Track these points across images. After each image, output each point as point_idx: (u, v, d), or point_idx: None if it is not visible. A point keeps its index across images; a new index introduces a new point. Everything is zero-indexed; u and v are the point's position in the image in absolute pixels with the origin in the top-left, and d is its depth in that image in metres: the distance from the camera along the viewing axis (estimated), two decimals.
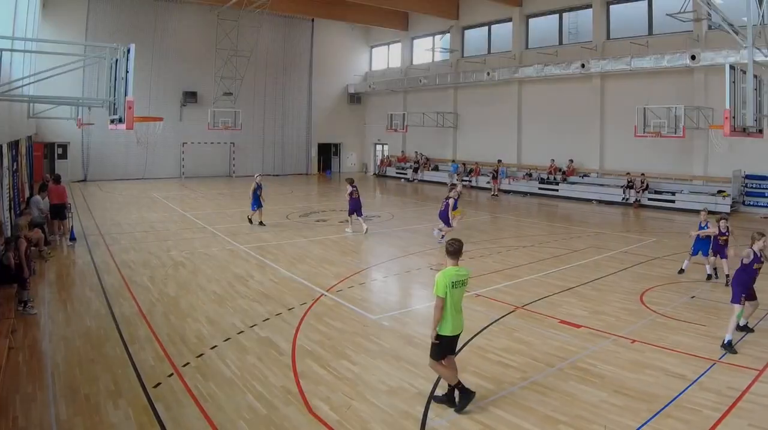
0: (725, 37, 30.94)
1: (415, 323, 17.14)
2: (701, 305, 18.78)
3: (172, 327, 16.34)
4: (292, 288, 20.70)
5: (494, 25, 60.25)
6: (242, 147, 67.04)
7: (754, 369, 13.43)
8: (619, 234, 32.73)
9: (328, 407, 11.71)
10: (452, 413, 11.52)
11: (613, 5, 49.09)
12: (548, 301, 19.28)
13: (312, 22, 71.00)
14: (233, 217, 35.97)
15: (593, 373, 13.43)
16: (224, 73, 61.23)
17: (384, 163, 72.89)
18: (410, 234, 31.89)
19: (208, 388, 12.48)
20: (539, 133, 55.16)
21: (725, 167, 40.88)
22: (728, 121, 23.58)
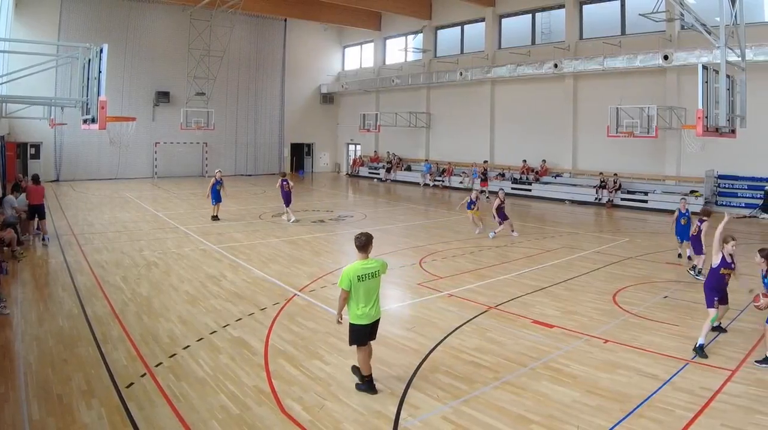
0: (698, 37, 31.06)
1: (387, 322, 16.66)
2: (674, 305, 18.78)
3: (145, 327, 16.21)
4: (265, 288, 20.61)
5: (467, 25, 60.41)
6: (215, 147, 66.93)
7: (727, 369, 13.42)
8: (592, 234, 32.78)
9: (300, 407, 11.64)
10: (425, 412, 11.45)
11: (586, 5, 49.29)
12: (521, 301, 19.23)
13: (285, 22, 71.03)
14: (206, 217, 35.76)
15: (566, 373, 13.39)
16: (197, 73, 61.06)
17: (357, 163, 72.90)
18: (383, 234, 31.72)
19: (181, 388, 12.39)
20: (512, 133, 55.32)
21: (698, 167, 41.01)
22: (701, 121, 23.66)
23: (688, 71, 38.40)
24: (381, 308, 12.97)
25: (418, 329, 16.40)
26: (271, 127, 72.11)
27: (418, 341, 15.38)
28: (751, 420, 11.02)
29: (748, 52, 29.32)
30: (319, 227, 33.18)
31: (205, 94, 61.69)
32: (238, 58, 67.57)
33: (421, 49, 64.81)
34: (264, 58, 70.78)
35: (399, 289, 21.03)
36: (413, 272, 23.58)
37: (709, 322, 14.86)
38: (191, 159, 66.11)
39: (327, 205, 44.36)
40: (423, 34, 64.72)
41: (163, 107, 62.60)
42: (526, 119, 53.49)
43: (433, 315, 17.77)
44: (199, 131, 60.99)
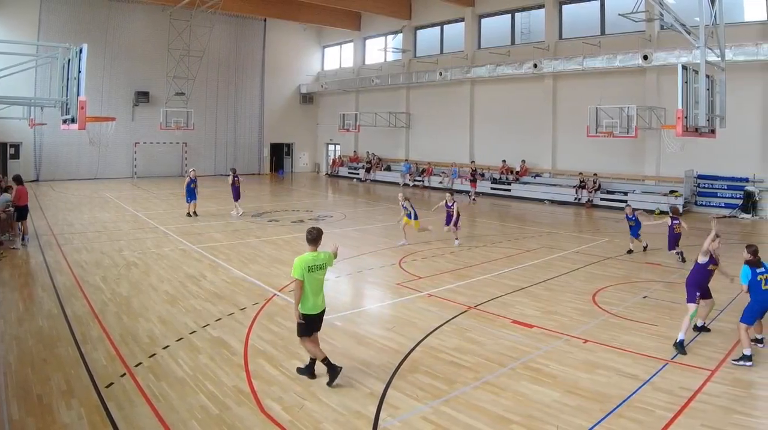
0: (678, 38, 31.11)
1: (366, 322, 17.13)
2: (653, 305, 18.81)
3: (125, 327, 16.16)
4: (245, 288, 20.58)
5: (446, 25, 60.36)
6: (194, 147, 66.73)
7: (707, 369, 13.45)
8: (572, 234, 32.82)
9: (280, 407, 11.63)
10: (404, 412, 11.45)
11: (566, 5, 49.38)
12: (501, 301, 19.22)
13: (264, 22, 70.91)
14: (185, 217, 35.71)
15: (546, 373, 13.40)
16: (176, 73, 60.81)
17: (336, 163, 72.79)
18: (362, 234, 31.88)
19: (161, 388, 12.37)
20: (492, 133, 55.31)
21: (677, 167, 41.10)
22: (681, 121, 23.75)
23: (668, 71, 38.50)
24: (327, 302, 13.15)
25: (398, 329, 16.39)
26: (250, 127, 71.99)
27: (398, 341, 15.36)
28: (730, 420, 11.04)
29: (727, 52, 29.46)
30: (299, 227, 32.97)
31: (185, 94, 61.49)
32: (218, 58, 67.43)
33: (400, 49, 64.81)
34: (243, 58, 70.67)
35: (379, 289, 21.07)
36: (393, 272, 23.57)
37: (689, 318, 14.92)
38: (171, 159, 65.82)
39: (307, 205, 44.28)
40: (402, 34, 64.72)
41: (142, 107, 62.35)
42: (506, 119, 53.54)
43: (412, 315, 17.75)
44: (179, 131, 60.61)
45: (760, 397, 12.12)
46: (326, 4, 57.86)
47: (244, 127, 71.34)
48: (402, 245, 28.24)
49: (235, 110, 70.37)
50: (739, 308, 16.21)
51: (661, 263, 24.88)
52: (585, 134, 42.18)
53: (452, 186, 53.12)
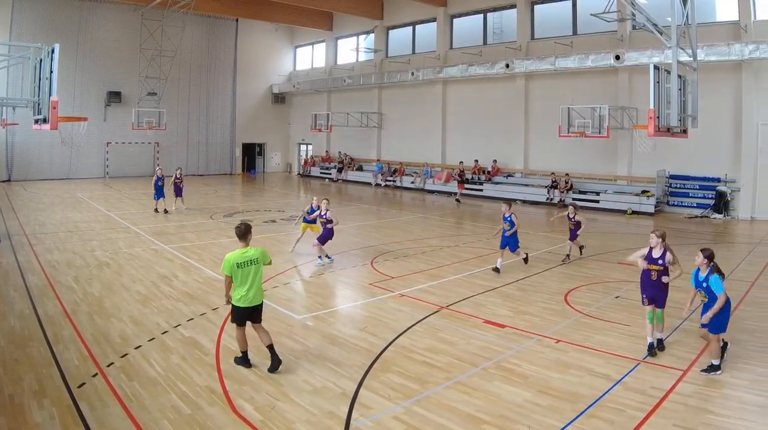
0: (650, 38, 31.26)
1: (339, 322, 17.14)
2: (625, 305, 18.81)
3: (97, 327, 16.08)
4: (217, 288, 20.38)
5: (419, 25, 60.49)
6: (166, 147, 66.51)
7: (678, 369, 13.47)
8: (544, 234, 32.87)
9: (252, 407, 11.61)
10: (376, 412, 11.46)
11: (538, 5, 49.51)
12: (472, 301, 19.21)
13: (236, 22, 70.87)
14: (157, 217, 35.73)
15: (517, 373, 13.39)
16: (148, 72, 60.72)
17: (308, 163, 72.76)
18: (334, 234, 31.75)
19: (133, 388, 12.31)
20: (464, 133, 55.48)
21: (649, 167, 41.27)
22: (653, 121, 23.81)
23: (640, 71, 38.71)
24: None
25: (370, 329, 16.37)
26: (222, 127, 71.88)
27: (370, 341, 15.35)
28: (702, 420, 11.06)
29: (699, 52, 29.62)
30: (271, 227, 33.07)
31: (157, 94, 61.38)
32: (190, 58, 67.26)
33: (372, 49, 64.86)
34: (215, 58, 70.61)
35: (351, 289, 21.07)
36: (365, 272, 23.61)
37: (647, 319, 14.95)
38: (143, 159, 65.56)
39: (278, 205, 44.18)
40: (374, 34, 64.79)
41: (114, 107, 62.07)
42: (478, 119, 53.69)
43: (384, 315, 17.73)
44: (151, 131, 60.39)
45: (731, 397, 12.08)
46: (298, 4, 57.81)
47: (215, 127, 71.24)
48: (322, 265, 24.85)
49: (207, 110, 70.28)
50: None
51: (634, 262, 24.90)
52: (557, 134, 42.29)
53: (424, 186, 53.25)
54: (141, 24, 58.90)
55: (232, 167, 72.47)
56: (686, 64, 26.82)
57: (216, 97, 71.06)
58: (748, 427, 10.81)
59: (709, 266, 13.68)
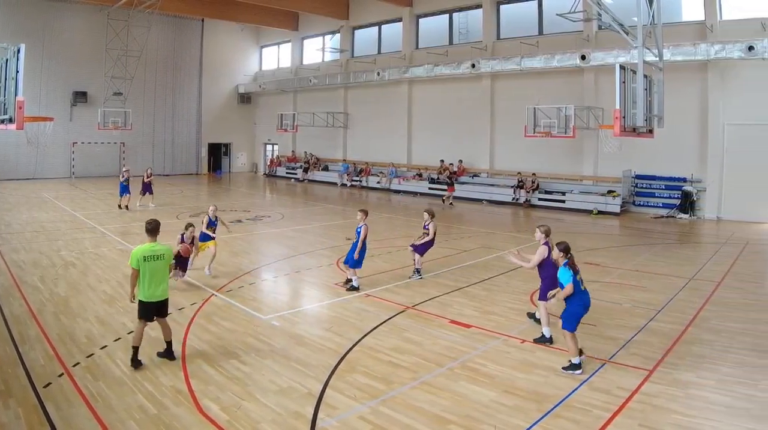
0: (615, 37, 31.24)
1: (304, 322, 17.09)
2: (591, 306, 18.79)
3: (63, 327, 16.01)
4: (183, 288, 20.43)
5: (384, 25, 60.61)
6: (132, 147, 66.29)
7: (644, 369, 13.48)
8: (509, 234, 32.90)
9: (218, 407, 11.58)
10: (342, 412, 11.45)
11: (504, 5, 49.66)
12: (438, 301, 19.20)
13: (202, 22, 70.75)
14: (123, 217, 35.55)
15: (483, 373, 13.40)
16: (114, 73, 60.32)
17: (274, 163, 72.76)
18: (300, 234, 31.79)
19: (98, 388, 12.25)
20: (430, 133, 55.60)
21: (615, 167, 41.44)
22: (618, 121, 23.84)
23: (606, 71, 38.97)
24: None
25: (336, 329, 16.35)
26: (188, 127, 71.78)
27: (336, 341, 15.32)
28: (668, 420, 11.09)
29: (665, 52, 29.66)
30: (237, 227, 32.77)
31: (123, 94, 61.06)
32: (156, 58, 67.08)
33: (338, 49, 64.98)
34: (181, 58, 70.49)
35: (316, 289, 21.01)
36: (330, 271, 23.56)
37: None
38: (108, 159, 65.32)
39: (244, 205, 44.08)
40: (340, 34, 64.87)
41: (80, 107, 61.85)
42: (444, 119, 53.83)
43: (350, 315, 17.70)
44: (117, 131, 60.17)
45: (697, 397, 12.10)
46: (264, 4, 57.78)
47: (181, 127, 71.08)
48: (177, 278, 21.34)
49: (173, 110, 70.11)
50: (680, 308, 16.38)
51: (600, 263, 24.90)
52: (523, 134, 42.32)
53: (389, 186, 53.32)
54: (107, 24, 58.51)
55: (197, 167, 72.36)
56: (652, 64, 26.89)
57: (182, 98, 70.88)
58: (715, 427, 10.82)
59: (566, 258, 13.99)
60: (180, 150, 71.21)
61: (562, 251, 14.06)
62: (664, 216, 39.27)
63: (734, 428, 10.81)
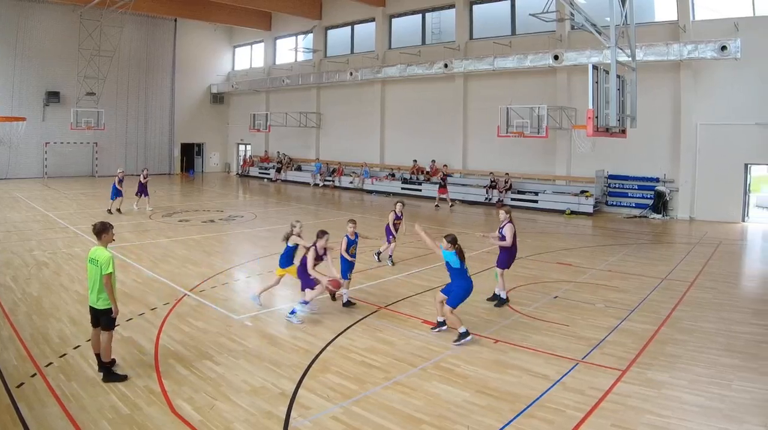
0: (588, 38, 31.41)
1: (277, 323, 17.05)
2: (564, 305, 18.87)
3: (35, 327, 15.92)
4: (155, 288, 20.35)
5: (357, 25, 60.49)
6: (105, 147, 66.06)
7: (617, 369, 13.49)
8: (482, 235, 32.87)
9: (191, 407, 11.54)
10: (315, 412, 11.44)
11: (476, 5, 49.68)
12: (411, 301, 19.24)
13: (175, 22, 70.47)
14: (96, 216, 35.06)
15: (456, 373, 13.39)
16: (87, 72, 60.16)
17: (247, 163, 72.65)
18: (273, 234, 31.48)
19: (71, 388, 12.18)
20: (403, 133, 55.67)
21: (588, 167, 41.59)
22: (591, 121, 23.87)
23: (579, 71, 39.06)
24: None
25: (308, 329, 16.31)
26: (161, 127, 71.56)
27: (308, 341, 15.30)
28: (641, 420, 11.09)
29: (638, 52, 29.86)
30: (210, 227, 32.95)
31: (96, 94, 60.88)
32: (128, 58, 66.90)
33: (311, 49, 64.91)
34: (154, 58, 70.26)
35: (289, 289, 20.81)
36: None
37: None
38: (81, 159, 65.23)
39: (217, 205, 43.98)
40: (313, 34, 64.74)
41: (53, 107, 61.61)
42: (417, 119, 53.82)
43: (323, 315, 17.68)
44: (90, 131, 60.27)
45: (671, 397, 12.10)
46: (237, 4, 57.68)
47: (154, 127, 70.85)
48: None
49: (146, 110, 69.85)
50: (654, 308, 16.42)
51: (572, 263, 24.92)
52: (496, 134, 42.34)
53: (362, 186, 53.38)
54: (80, 24, 58.34)
55: (170, 167, 72.23)
56: (625, 64, 26.94)
57: (155, 97, 70.69)
58: (688, 427, 10.84)
59: (454, 247, 15.44)
60: (153, 150, 70.94)
61: (451, 243, 15.60)
62: (636, 216, 39.43)
63: (707, 428, 10.81)
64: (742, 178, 36.81)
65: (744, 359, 14.13)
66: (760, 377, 13.14)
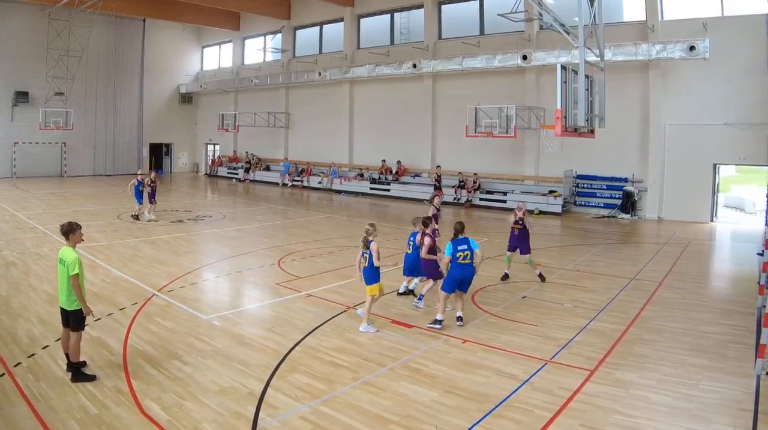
0: (557, 38, 31.45)
1: (246, 322, 17.07)
2: (532, 305, 18.94)
3: (4, 327, 15.88)
4: (124, 288, 20.30)
5: (326, 25, 60.58)
6: (74, 147, 65.73)
7: (586, 369, 13.55)
8: (450, 234, 32.76)
9: (159, 407, 11.53)
10: (284, 412, 11.49)
11: (445, 5, 49.75)
12: (380, 301, 18.82)
13: (143, 22, 70.13)
14: (65, 217, 34.70)
15: (425, 373, 13.42)
16: (56, 73, 59.95)
17: (215, 163, 72.55)
18: (241, 234, 31.75)
19: (40, 388, 12.18)
20: (371, 133, 55.79)
21: (557, 167, 41.74)
22: (560, 121, 23.85)
23: (547, 71, 39.30)
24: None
25: (277, 329, 16.35)
26: (129, 127, 71.21)
27: (277, 341, 15.34)
28: (609, 420, 11.14)
29: (607, 52, 29.82)
30: (178, 227, 32.94)
31: (64, 94, 60.70)
32: (97, 58, 66.54)
33: (279, 49, 64.93)
34: (123, 58, 69.88)
35: (258, 289, 20.98)
36: (272, 271, 23.49)
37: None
38: (50, 159, 64.81)
39: (186, 205, 43.89)
40: (282, 34, 64.82)
41: (21, 107, 61.24)
42: (386, 119, 53.96)
43: (292, 315, 17.71)
44: (58, 131, 60.23)
45: (639, 397, 12.17)
46: (205, 4, 57.52)
47: (123, 127, 70.48)
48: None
49: (115, 110, 69.53)
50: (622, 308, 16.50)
51: (540, 263, 24.84)
52: (464, 134, 42.47)
53: (331, 186, 53.44)
54: (48, 24, 58.15)
55: (139, 167, 70.64)
56: (593, 64, 26.96)
57: (123, 97, 70.33)
58: (656, 427, 10.90)
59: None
60: (121, 150, 70.64)
61: (454, 231, 17.48)
62: (605, 216, 39.58)
63: (675, 427, 10.87)
64: (711, 179, 36.99)
65: (712, 359, 14.20)
66: (727, 376, 13.21)
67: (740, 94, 35.02)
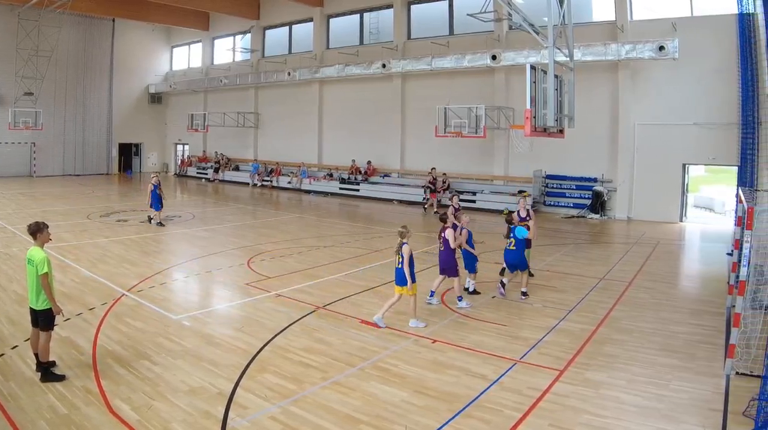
0: (526, 38, 31.52)
1: (215, 322, 17.06)
2: (502, 305, 18.99)
3: None
4: (93, 288, 20.21)
5: (295, 25, 60.58)
6: (43, 147, 65.34)
7: (555, 369, 13.57)
8: (420, 234, 32.82)
9: (128, 407, 11.47)
10: (253, 412, 11.50)
11: (414, 5, 49.80)
12: (350, 301, 19.21)
13: (113, 22, 69.84)
14: (34, 216, 34.41)
15: (394, 373, 13.43)
16: (25, 72, 59.63)
17: (185, 163, 72.41)
18: (211, 234, 31.67)
19: (9, 388, 12.14)
20: (340, 133, 55.79)
21: (526, 167, 41.81)
22: (529, 121, 23.81)
23: (517, 71, 39.40)
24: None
25: (246, 329, 16.32)
26: (99, 127, 70.88)
27: (246, 341, 15.32)
28: (579, 420, 11.17)
29: (576, 52, 29.82)
30: (148, 227, 32.78)
31: (34, 94, 60.41)
32: (66, 58, 66.21)
33: (249, 49, 64.89)
34: (92, 58, 69.61)
35: (227, 289, 20.93)
36: (241, 271, 23.44)
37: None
38: (19, 159, 64.46)
39: None
40: (251, 33, 64.76)
41: None
42: (355, 119, 54.01)
43: (261, 315, 17.68)
44: (27, 131, 59.97)
45: (609, 397, 12.21)
46: (175, 4, 57.45)
47: (92, 127, 70.21)
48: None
49: (84, 110, 69.26)
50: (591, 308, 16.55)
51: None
52: (434, 134, 42.44)
53: (300, 186, 53.39)
54: (18, 24, 57.87)
55: (108, 167, 71.59)
56: (563, 64, 26.97)
57: (93, 97, 70.09)
58: (626, 427, 10.93)
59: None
60: (91, 150, 70.36)
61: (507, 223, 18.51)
62: (574, 216, 39.67)
63: (645, 427, 10.90)
64: (680, 179, 37.16)
65: (682, 359, 14.26)
66: (697, 376, 13.26)
67: (710, 95, 35.16)
